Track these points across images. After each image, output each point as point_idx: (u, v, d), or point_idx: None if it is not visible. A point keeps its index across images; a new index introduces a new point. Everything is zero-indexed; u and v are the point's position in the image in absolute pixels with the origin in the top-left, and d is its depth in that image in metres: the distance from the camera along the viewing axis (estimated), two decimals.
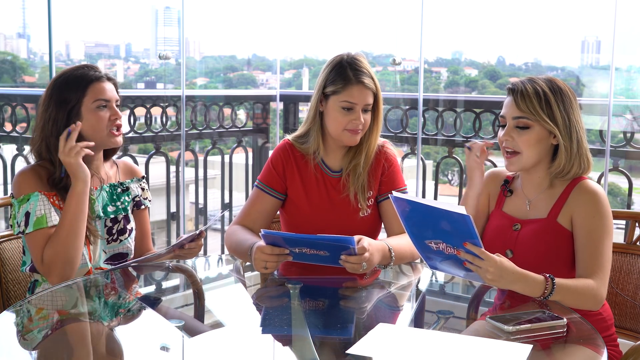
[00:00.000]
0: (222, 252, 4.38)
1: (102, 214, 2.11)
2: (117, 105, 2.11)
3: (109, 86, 2.09)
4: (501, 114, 2.01)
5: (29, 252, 2.03)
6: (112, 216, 2.14)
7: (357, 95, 2.08)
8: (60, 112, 2.03)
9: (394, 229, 2.17)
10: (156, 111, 4.15)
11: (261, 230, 1.90)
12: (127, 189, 2.21)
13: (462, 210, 1.64)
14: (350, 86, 2.08)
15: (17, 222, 1.99)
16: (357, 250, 1.85)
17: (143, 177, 2.30)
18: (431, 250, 1.79)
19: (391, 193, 1.83)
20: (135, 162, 3.73)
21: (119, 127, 2.10)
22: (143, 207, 2.26)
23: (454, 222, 1.68)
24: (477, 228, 2.13)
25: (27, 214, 1.98)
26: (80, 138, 2.03)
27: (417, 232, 1.81)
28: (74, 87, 2.04)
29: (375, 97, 2.13)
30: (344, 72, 2.09)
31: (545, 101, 1.92)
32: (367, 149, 2.18)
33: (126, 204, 2.19)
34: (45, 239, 1.96)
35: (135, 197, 2.24)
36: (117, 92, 2.13)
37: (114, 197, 2.17)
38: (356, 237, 1.89)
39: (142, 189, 2.27)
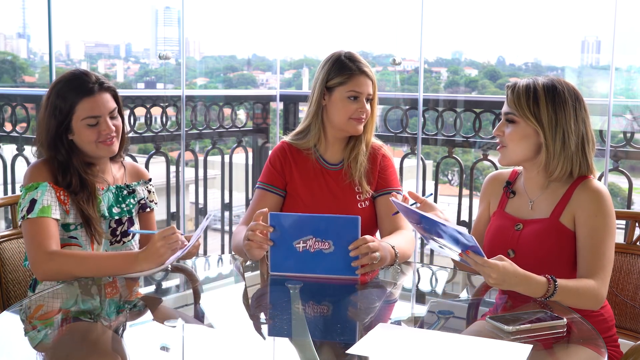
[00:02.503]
0: (222, 252, 4.39)
1: (107, 214, 2.12)
2: (112, 116, 2.07)
3: (100, 99, 2.04)
4: None
5: (24, 237, 1.99)
6: (116, 217, 2.15)
7: (362, 84, 2.21)
8: (53, 121, 2.05)
9: (385, 226, 2.25)
10: (156, 111, 4.14)
11: (269, 212, 1.96)
12: (133, 191, 2.22)
13: (463, 230, 1.66)
14: (355, 76, 2.20)
15: (21, 208, 1.99)
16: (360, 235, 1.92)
17: (150, 180, 2.31)
18: (434, 239, 1.85)
19: (391, 194, 1.86)
20: (135, 162, 3.72)
21: (110, 138, 2.07)
22: (149, 209, 2.27)
23: (458, 234, 1.70)
24: (478, 234, 2.15)
25: (33, 201, 1.98)
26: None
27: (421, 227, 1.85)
28: (68, 99, 2.04)
29: (373, 88, 2.24)
30: (346, 65, 2.21)
31: (534, 99, 1.94)
32: (365, 138, 2.28)
33: (131, 206, 2.20)
34: (46, 229, 1.95)
35: (141, 199, 2.25)
36: (117, 99, 2.10)
37: (120, 198, 2.18)
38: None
39: (149, 192, 2.28)
